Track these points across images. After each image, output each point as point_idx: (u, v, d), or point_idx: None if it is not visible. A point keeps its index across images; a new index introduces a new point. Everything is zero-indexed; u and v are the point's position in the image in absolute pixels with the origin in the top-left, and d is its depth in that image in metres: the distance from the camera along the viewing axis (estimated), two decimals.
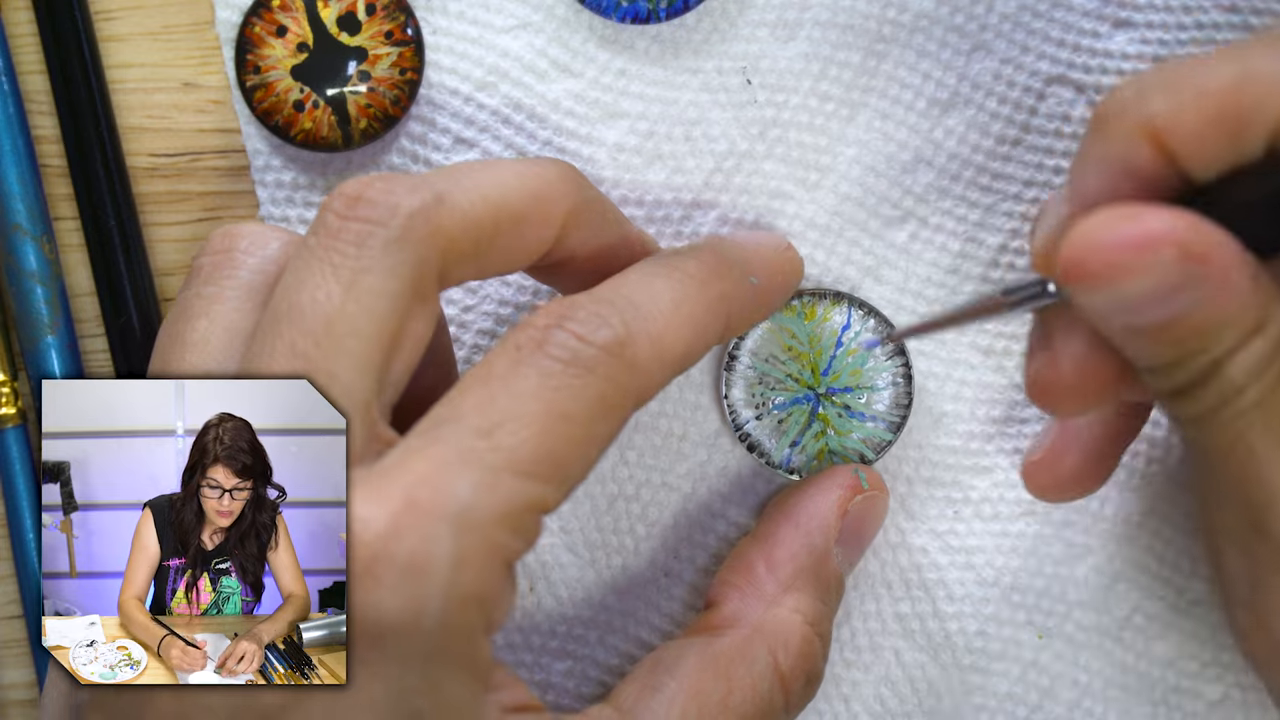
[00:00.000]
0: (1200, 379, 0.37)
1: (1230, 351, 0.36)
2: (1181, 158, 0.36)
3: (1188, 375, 0.37)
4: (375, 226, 0.36)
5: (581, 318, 0.36)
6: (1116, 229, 0.35)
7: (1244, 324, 0.36)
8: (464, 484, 0.34)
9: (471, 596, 0.34)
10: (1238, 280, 0.35)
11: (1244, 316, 0.36)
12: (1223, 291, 0.35)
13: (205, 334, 0.37)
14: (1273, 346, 0.36)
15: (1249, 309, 0.36)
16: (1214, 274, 0.35)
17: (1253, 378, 0.36)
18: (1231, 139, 0.36)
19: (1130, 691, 0.46)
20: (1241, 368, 0.36)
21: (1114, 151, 0.37)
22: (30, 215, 0.46)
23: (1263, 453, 0.36)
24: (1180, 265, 0.35)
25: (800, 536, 0.43)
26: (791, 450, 0.46)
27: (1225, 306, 0.35)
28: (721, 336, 0.40)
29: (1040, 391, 0.39)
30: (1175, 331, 0.36)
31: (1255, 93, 0.35)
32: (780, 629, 0.42)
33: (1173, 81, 0.36)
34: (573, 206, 0.39)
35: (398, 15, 0.45)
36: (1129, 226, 0.35)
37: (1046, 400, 0.39)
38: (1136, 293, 0.35)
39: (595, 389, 0.35)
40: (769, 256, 0.43)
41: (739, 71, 0.46)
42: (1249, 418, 0.36)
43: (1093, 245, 0.35)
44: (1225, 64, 0.36)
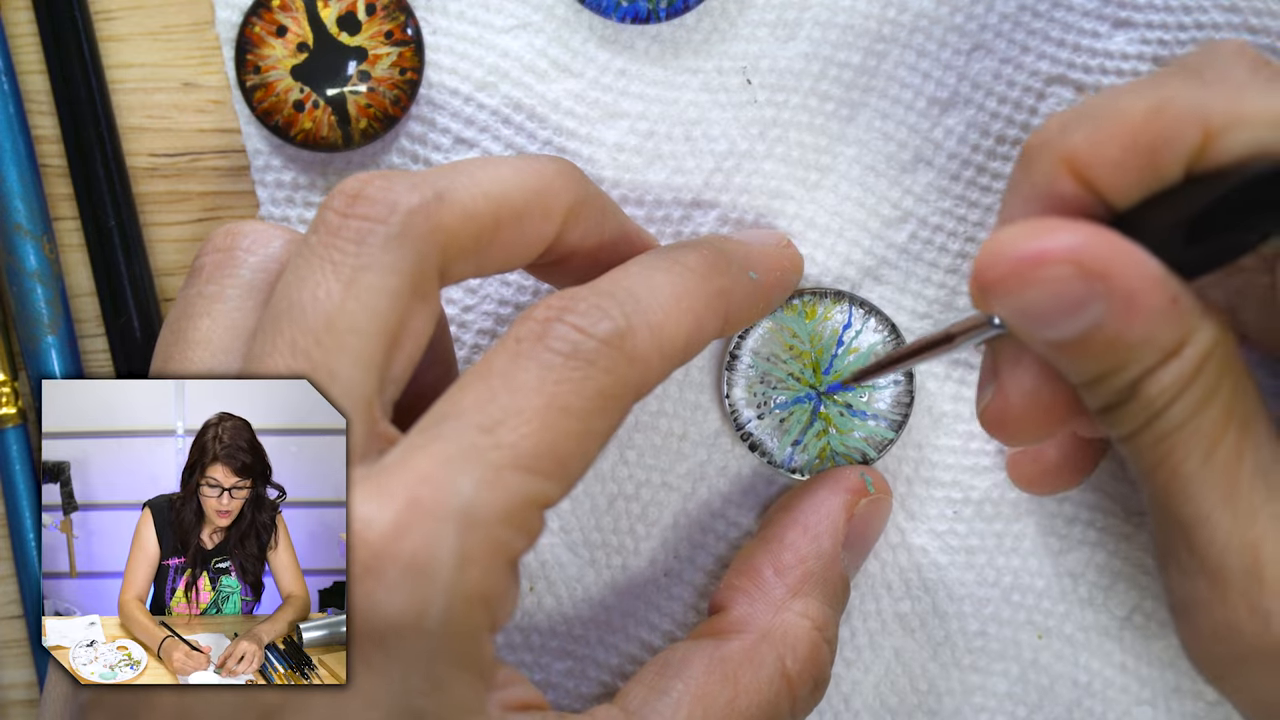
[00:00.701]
0: (1122, 398, 0.38)
1: (1148, 372, 0.37)
2: (1102, 187, 0.37)
3: (1111, 394, 0.38)
4: (375, 224, 0.36)
5: (582, 310, 0.36)
6: (1018, 242, 0.36)
7: (1160, 345, 0.37)
8: (466, 481, 0.34)
9: (475, 595, 0.34)
10: (1147, 300, 0.36)
11: (1160, 337, 0.37)
12: (1129, 310, 0.36)
13: (207, 333, 0.37)
14: (1191, 369, 0.37)
15: (1165, 330, 0.36)
16: (1117, 290, 0.36)
17: (1171, 399, 0.37)
18: (1149, 167, 0.36)
19: (1130, 692, 0.46)
20: (1159, 388, 0.37)
21: (1039, 182, 0.38)
22: (30, 215, 0.46)
23: (1187, 473, 0.37)
24: (1078, 280, 0.36)
25: (808, 541, 0.43)
26: (794, 449, 0.46)
27: (1134, 325, 0.36)
28: (720, 331, 0.40)
29: (992, 422, 0.40)
30: (1090, 347, 0.37)
31: (1170, 121, 0.36)
32: (788, 634, 0.42)
33: (1093, 114, 0.37)
34: (572, 202, 0.39)
35: (398, 15, 0.45)
36: (1030, 240, 0.36)
37: (998, 431, 0.40)
38: (1035, 304, 0.36)
39: (596, 382, 0.35)
40: (769, 252, 0.44)
41: (739, 71, 0.46)
42: (1173, 439, 0.37)
43: (997, 256, 0.36)
44: (1142, 95, 0.37)
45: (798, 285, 0.45)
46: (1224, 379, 0.37)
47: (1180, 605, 0.39)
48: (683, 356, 0.38)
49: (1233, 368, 0.37)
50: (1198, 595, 0.38)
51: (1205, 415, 0.37)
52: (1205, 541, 0.37)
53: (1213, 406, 0.37)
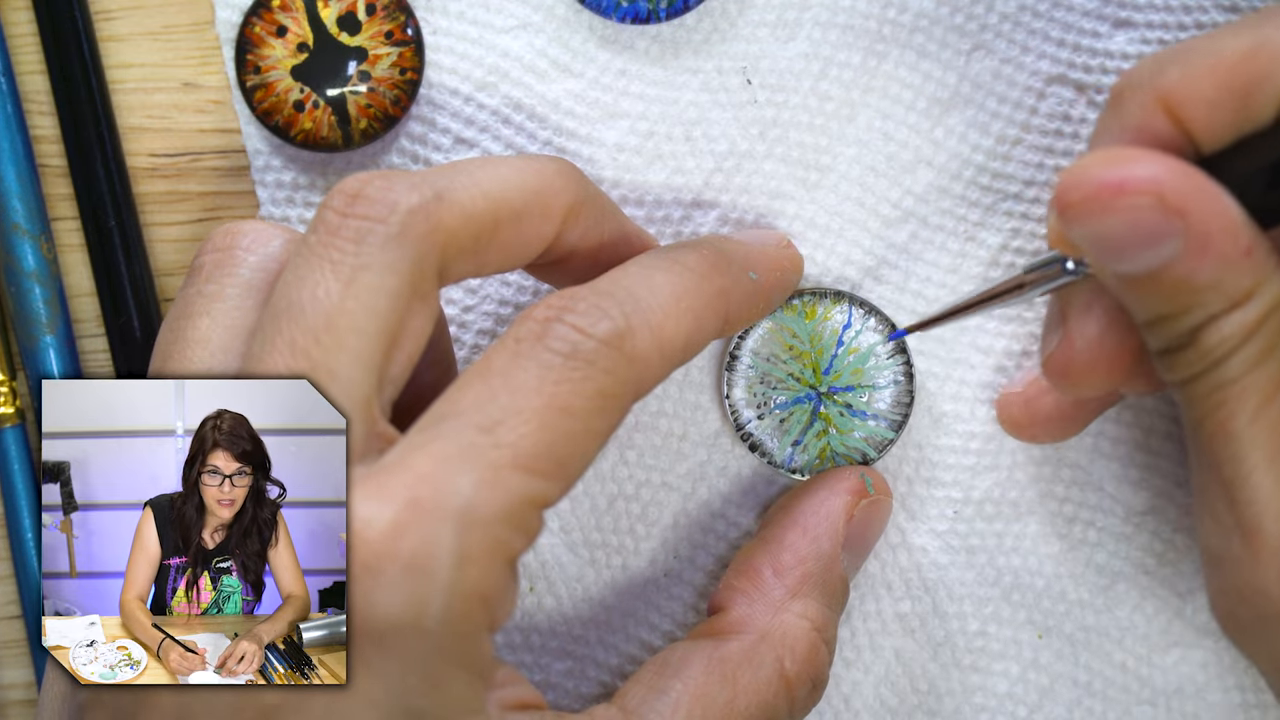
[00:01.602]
0: (1184, 342, 0.37)
1: (1211, 318, 0.37)
2: (1193, 125, 0.37)
3: (1174, 336, 0.37)
4: (375, 223, 0.36)
5: (581, 310, 0.36)
6: (1104, 168, 0.36)
7: (1229, 291, 0.36)
8: (466, 481, 0.34)
9: (474, 595, 0.34)
10: (1222, 243, 0.36)
11: (1228, 283, 0.36)
12: (1203, 251, 0.36)
13: (206, 332, 0.37)
14: (1254, 321, 0.36)
15: (1235, 277, 0.36)
16: (1194, 229, 0.36)
17: (1230, 351, 0.37)
18: (1242, 107, 0.36)
19: (1130, 691, 0.46)
20: (1219, 337, 0.37)
21: (1130, 123, 0.38)
22: (29, 214, 0.46)
23: (1236, 429, 0.37)
24: (1157, 213, 0.35)
25: (808, 542, 0.43)
26: (794, 450, 0.46)
27: (1205, 267, 0.36)
28: (720, 331, 0.40)
29: (1056, 370, 0.40)
30: (1160, 285, 0.36)
31: (1266, 60, 0.36)
32: (787, 635, 0.42)
33: (1187, 54, 0.37)
34: (572, 202, 0.39)
35: (398, 15, 0.45)
36: (1115, 168, 0.36)
37: (1062, 379, 0.40)
38: (1113, 232, 0.36)
39: (595, 383, 0.35)
40: (769, 253, 0.44)
41: (739, 71, 0.46)
42: (1225, 391, 0.37)
43: (1079, 180, 0.36)
44: (1238, 34, 0.36)
45: (798, 285, 0.45)
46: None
47: (1212, 558, 0.38)
48: (682, 356, 0.38)
49: None
50: (1230, 551, 0.38)
51: (1261, 371, 0.37)
52: (1245, 500, 0.37)
53: (1269, 364, 0.37)
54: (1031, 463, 0.46)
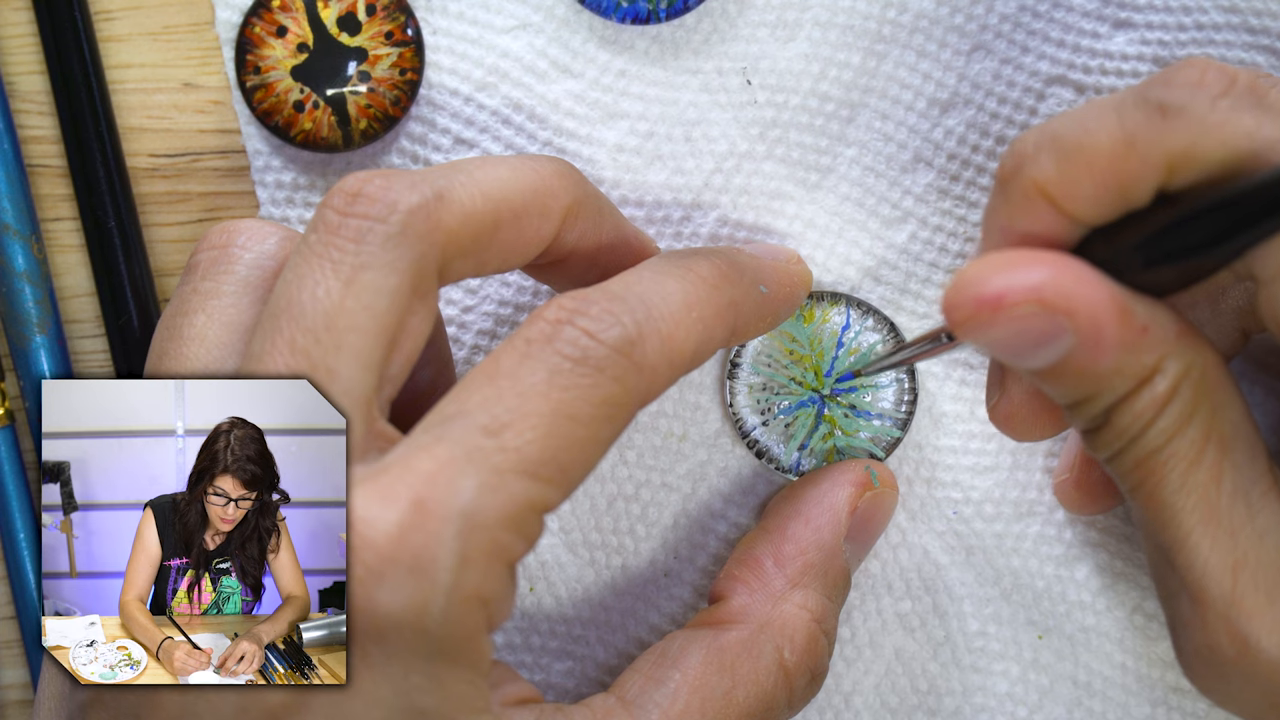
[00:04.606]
0: (1100, 422, 0.38)
1: (1121, 399, 0.37)
2: (1076, 214, 0.37)
3: (1090, 418, 0.38)
4: (374, 222, 0.36)
5: (594, 314, 0.36)
6: (983, 281, 0.36)
7: (1133, 372, 0.37)
8: (469, 484, 0.34)
9: (474, 596, 0.34)
10: (1115, 330, 0.36)
11: (1131, 364, 0.37)
12: (1096, 343, 0.36)
13: (203, 329, 0.37)
14: (1164, 395, 0.37)
15: (1135, 359, 0.37)
16: (1083, 324, 0.36)
17: (1145, 425, 0.37)
18: (1120, 199, 0.37)
19: (1130, 691, 0.46)
20: (1131, 415, 0.37)
21: (1015, 210, 0.38)
22: (18, 215, 0.46)
23: (1166, 498, 0.38)
24: (1042, 318, 0.36)
25: (810, 533, 0.43)
26: (800, 453, 0.46)
27: (1102, 357, 0.36)
28: (726, 342, 0.40)
29: (1000, 421, 0.42)
30: (1064, 376, 0.37)
31: (1139, 160, 0.36)
32: (786, 625, 0.42)
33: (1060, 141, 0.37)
34: (571, 202, 0.39)
35: (398, 15, 0.45)
36: (995, 276, 0.36)
37: (1006, 429, 0.42)
38: (1002, 339, 0.36)
39: (603, 390, 0.35)
40: (780, 267, 0.44)
41: (739, 71, 0.46)
42: (1150, 463, 0.38)
43: (962, 297, 0.36)
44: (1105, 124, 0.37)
45: (803, 301, 0.45)
46: (1201, 402, 0.37)
47: (1170, 621, 0.40)
48: (689, 366, 0.38)
49: (1212, 389, 0.38)
50: (1182, 615, 0.39)
51: (1181, 439, 0.37)
52: (1185, 565, 0.38)
53: (1189, 430, 0.37)
54: (1032, 463, 0.46)
